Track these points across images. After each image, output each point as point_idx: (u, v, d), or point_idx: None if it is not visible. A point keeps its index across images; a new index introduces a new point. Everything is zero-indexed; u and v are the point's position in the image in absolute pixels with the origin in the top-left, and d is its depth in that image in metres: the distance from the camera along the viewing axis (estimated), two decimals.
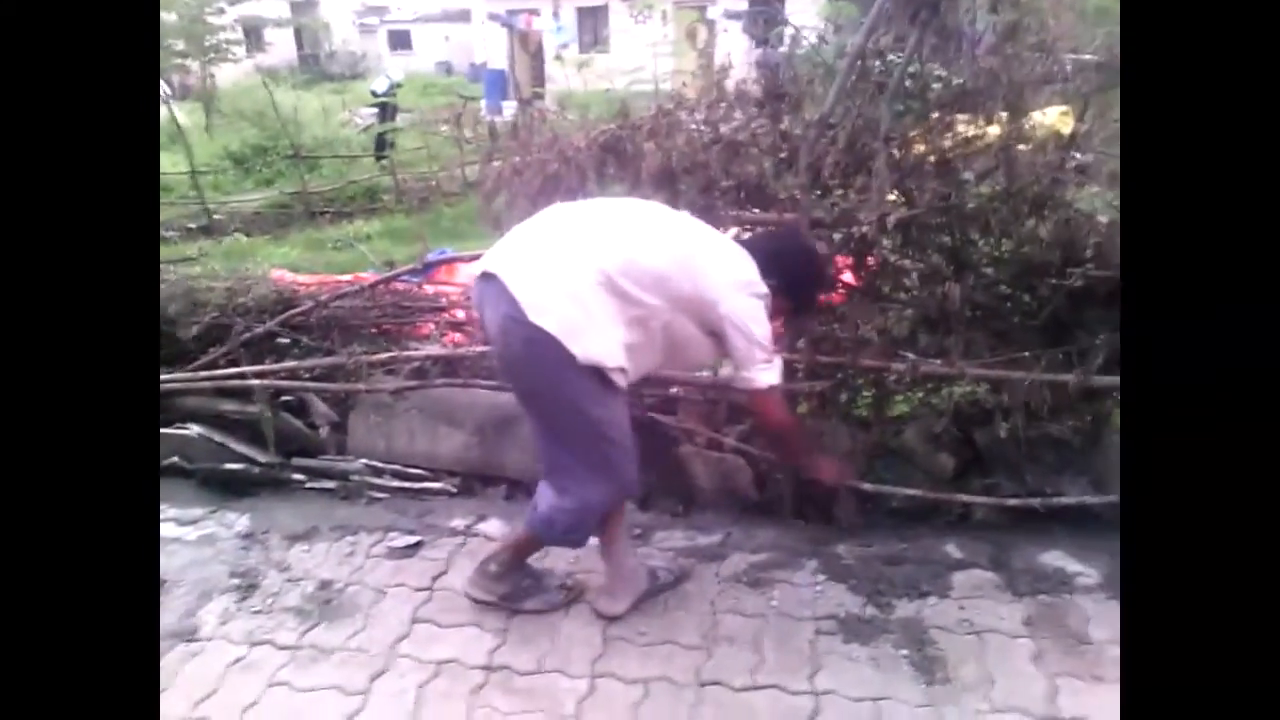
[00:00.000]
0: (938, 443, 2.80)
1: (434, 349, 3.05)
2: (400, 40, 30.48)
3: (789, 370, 2.48)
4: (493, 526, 2.83)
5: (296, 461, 3.20)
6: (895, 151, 2.34)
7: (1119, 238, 2.35)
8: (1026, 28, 2.16)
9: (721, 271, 2.06)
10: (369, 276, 4.03)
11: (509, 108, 16.76)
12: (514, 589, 2.38)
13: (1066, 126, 2.48)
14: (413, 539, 2.76)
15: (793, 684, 2.10)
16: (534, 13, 20.73)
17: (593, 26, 21.14)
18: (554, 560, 2.55)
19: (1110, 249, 2.23)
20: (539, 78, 21.25)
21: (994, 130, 2.42)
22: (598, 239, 2.02)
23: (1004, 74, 2.14)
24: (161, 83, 13.33)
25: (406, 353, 3.04)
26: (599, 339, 1.98)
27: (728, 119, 2.41)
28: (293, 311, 3.12)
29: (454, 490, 3.09)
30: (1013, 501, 2.55)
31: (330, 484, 3.15)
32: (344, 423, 3.22)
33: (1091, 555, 2.51)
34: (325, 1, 29.71)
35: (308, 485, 3.17)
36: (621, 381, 2.06)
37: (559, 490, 2.18)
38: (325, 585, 2.56)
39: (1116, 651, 2.17)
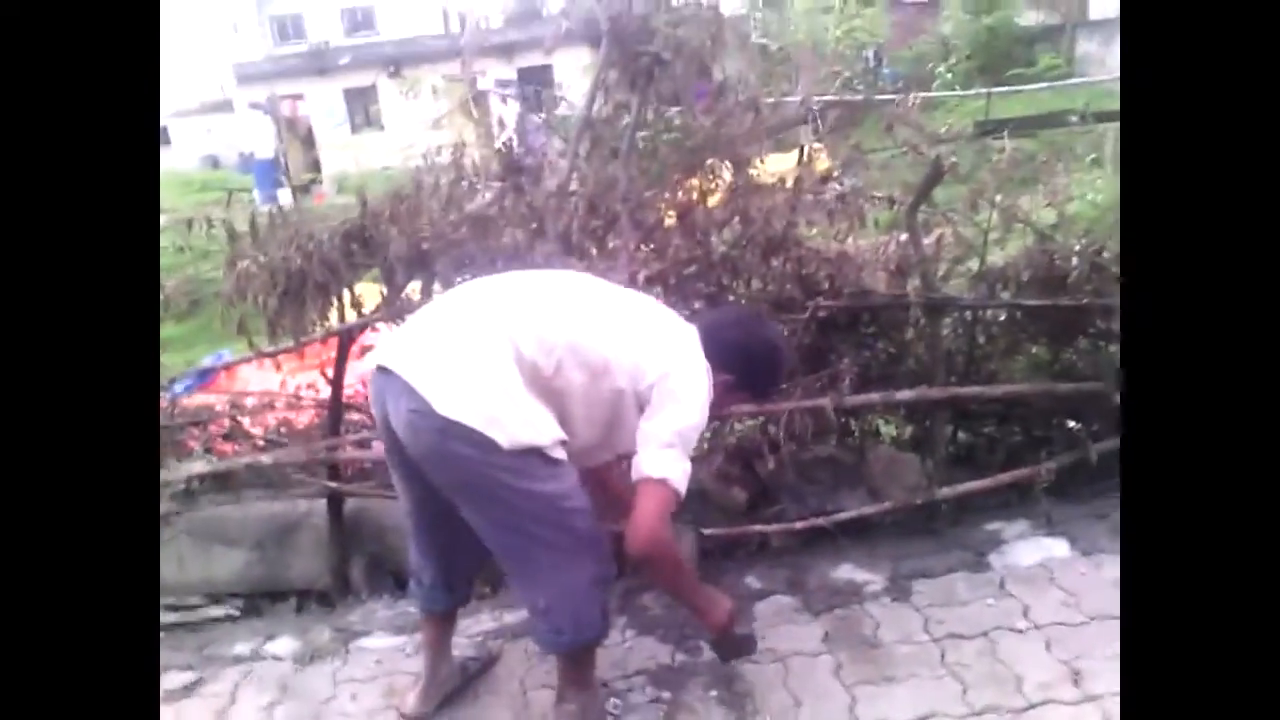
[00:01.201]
0: (728, 479, 2.90)
1: (198, 465, 2.82)
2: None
3: None
4: (283, 645, 2.62)
5: None
6: (635, 212, 2.43)
7: (848, 268, 2.57)
8: (733, 87, 2.33)
9: (650, 340, 1.85)
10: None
11: (284, 195, 16.14)
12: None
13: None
14: (190, 676, 2.50)
15: None
16: (298, 97, 20.17)
17: (363, 106, 20.82)
18: None
19: (840, 279, 2.42)
20: (313, 163, 20.67)
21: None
22: (503, 312, 1.81)
23: (718, 130, 2.29)
24: None
25: (168, 475, 2.78)
26: (524, 419, 1.74)
27: (470, 197, 2.42)
28: None
29: (237, 614, 2.85)
30: (799, 525, 2.68)
31: None
32: None
33: (876, 562, 2.67)
34: None
35: None
36: (562, 454, 1.80)
37: (537, 591, 1.91)
38: None
39: (904, 650, 2.30)
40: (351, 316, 2.62)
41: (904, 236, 2.51)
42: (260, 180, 17.61)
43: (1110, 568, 2.52)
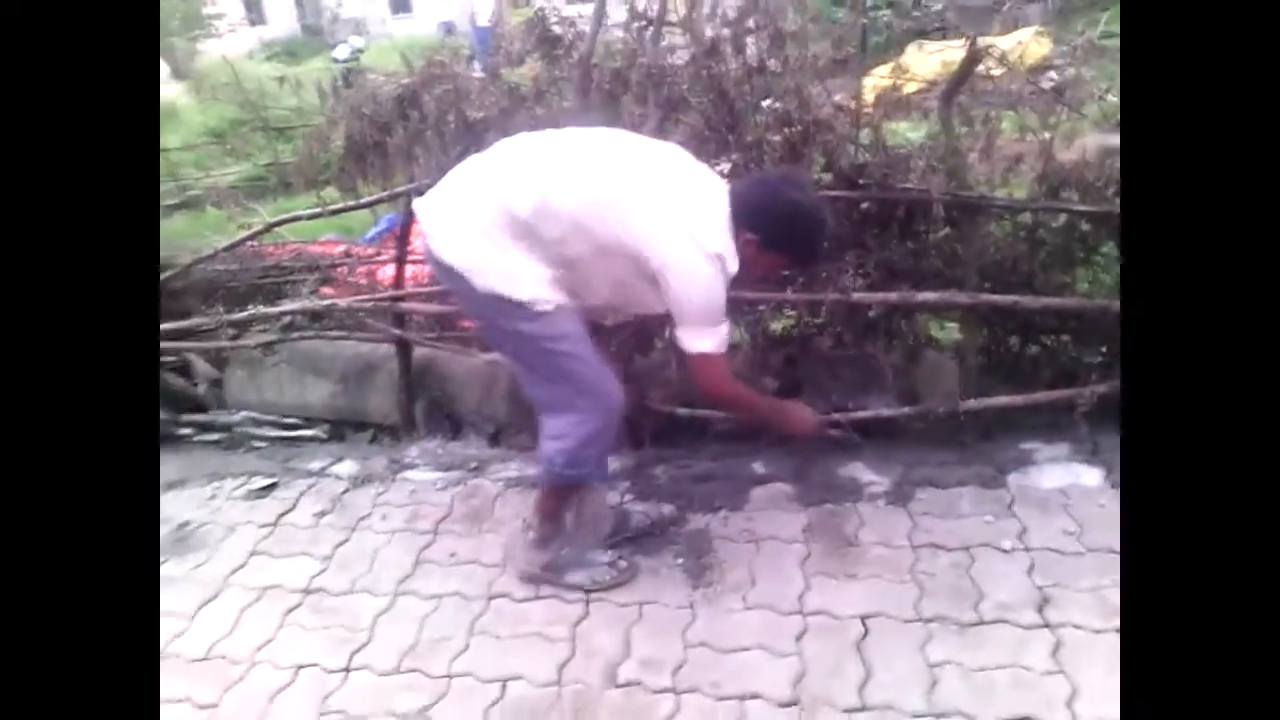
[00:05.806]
0: (763, 367, 2.91)
1: (295, 304, 3.21)
2: (400, 4, 30.32)
3: None
4: (345, 467, 3.02)
5: (186, 417, 3.42)
6: (665, 85, 2.42)
7: (881, 159, 2.43)
8: None
9: (651, 221, 1.84)
10: (333, 243, 4.21)
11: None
12: (555, 559, 2.30)
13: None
14: (269, 480, 2.96)
15: (569, 594, 2.27)
16: None
17: None
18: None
19: (891, 173, 2.32)
20: None
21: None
22: (515, 174, 1.91)
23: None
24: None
25: (265, 309, 3.20)
26: (504, 271, 1.89)
27: (507, 65, 2.50)
28: (166, 274, 3.29)
29: (324, 437, 3.28)
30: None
31: (216, 436, 3.36)
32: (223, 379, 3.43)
33: (887, 466, 2.63)
34: None
35: (197, 439, 3.39)
36: (547, 306, 1.92)
37: (546, 424, 2.11)
38: (182, 525, 2.78)
39: (877, 552, 2.30)
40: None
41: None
42: (481, 50, 18.17)
43: None
